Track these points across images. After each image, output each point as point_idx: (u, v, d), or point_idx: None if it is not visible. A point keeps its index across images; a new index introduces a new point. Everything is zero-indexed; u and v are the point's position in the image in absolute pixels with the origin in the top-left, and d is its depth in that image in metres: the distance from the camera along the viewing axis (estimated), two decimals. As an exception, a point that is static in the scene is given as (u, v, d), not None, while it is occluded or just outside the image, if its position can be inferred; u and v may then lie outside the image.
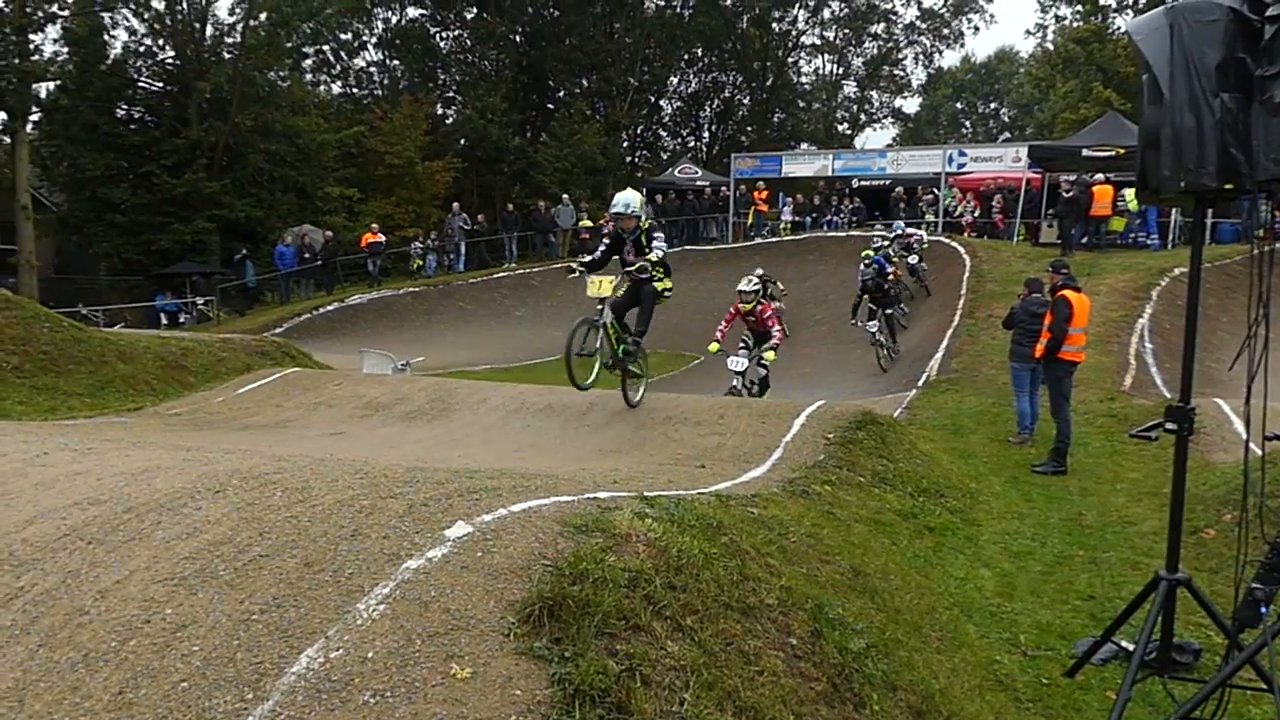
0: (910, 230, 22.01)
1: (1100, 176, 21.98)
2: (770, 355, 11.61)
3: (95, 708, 2.38)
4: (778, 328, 11.83)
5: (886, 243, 19.94)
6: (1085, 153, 22.76)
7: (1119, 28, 36.71)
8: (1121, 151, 21.48)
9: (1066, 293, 9.59)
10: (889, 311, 17.33)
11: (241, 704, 2.34)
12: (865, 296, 17.24)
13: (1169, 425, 4.07)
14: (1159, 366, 13.85)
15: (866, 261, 17.91)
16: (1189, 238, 19.98)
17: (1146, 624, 3.97)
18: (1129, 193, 20.78)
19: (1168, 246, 22.12)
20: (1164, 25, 3.73)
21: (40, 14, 29.67)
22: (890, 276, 18.28)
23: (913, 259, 21.06)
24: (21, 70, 28.53)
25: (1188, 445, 4.12)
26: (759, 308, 11.73)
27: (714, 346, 11.80)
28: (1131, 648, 4.25)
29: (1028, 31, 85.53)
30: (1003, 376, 12.83)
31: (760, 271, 17.02)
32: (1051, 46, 43.59)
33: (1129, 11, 36.96)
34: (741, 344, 12.06)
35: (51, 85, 31.70)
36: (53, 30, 31.30)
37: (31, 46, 29.74)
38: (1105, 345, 14.07)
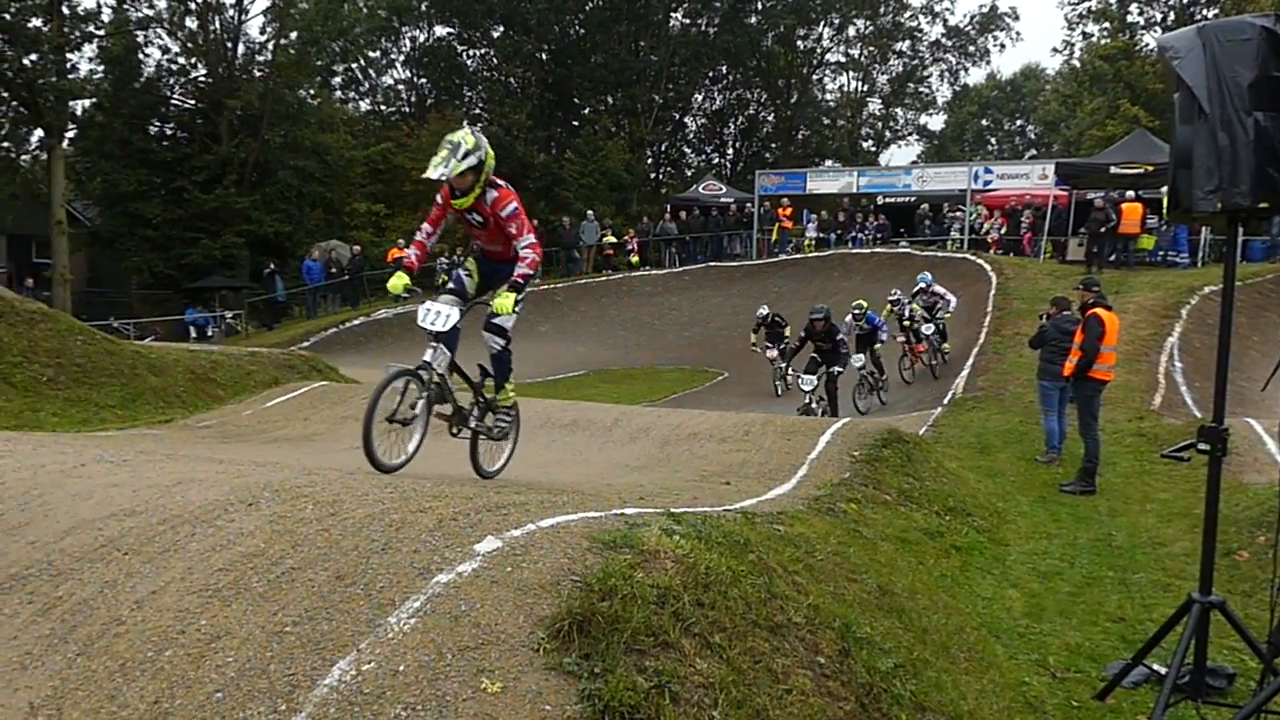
0: (939, 289, 18.13)
1: (1131, 194, 21.80)
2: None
3: (132, 717, 2.41)
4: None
5: (908, 299, 17.56)
6: (1113, 170, 22.60)
7: (1147, 45, 36.48)
8: (1150, 169, 21.31)
9: (1098, 311, 9.51)
10: (833, 370, 14.07)
11: (275, 715, 2.36)
12: (809, 344, 14.39)
13: (1201, 446, 4.03)
14: (1189, 386, 13.69)
15: (857, 312, 15.76)
16: (1219, 255, 19.82)
17: (1179, 647, 3.92)
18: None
19: (1198, 264, 21.89)
20: (1197, 44, 3.72)
21: (77, 34, 30.28)
22: (883, 340, 16.20)
23: (928, 329, 17.40)
24: (59, 88, 29.12)
25: (1221, 466, 4.07)
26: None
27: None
28: (1164, 671, 4.19)
29: (1054, 49, 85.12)
30: (1029, 395, 12.73)
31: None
32: (1079, 63, 43.38)
33: (1157, 29, 36.73)
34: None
35: (87, 103, 32.34)
36: (89, 49, 31.92)
37: (69, 65, 30.39)
38: (1134, 364, 13.93)
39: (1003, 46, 59.01)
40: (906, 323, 17.41)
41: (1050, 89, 53.27)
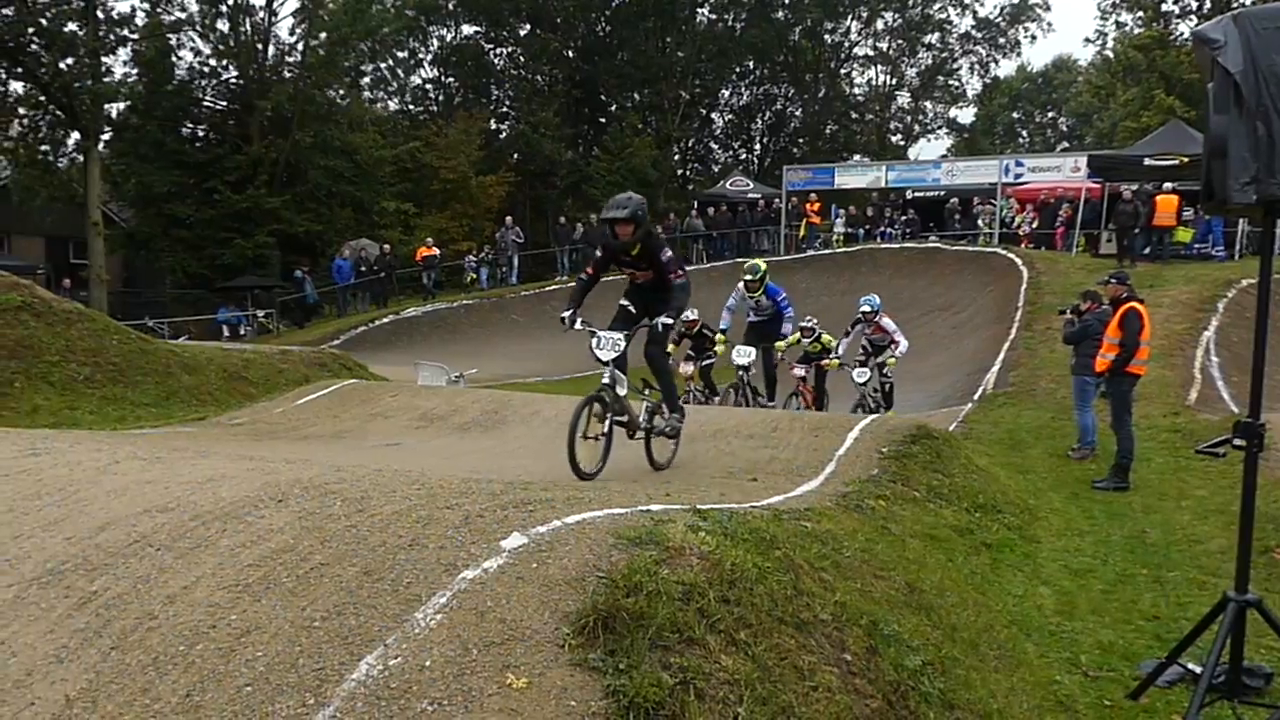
0: (887, 323, 12.95)
1: (1169, 186, 21.46)
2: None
3: (164, 710, 2.45)
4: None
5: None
6: (1147, 162, 22.26)
7: (1182, 34, 35.86)
8: (1186, 160, 20.96)
9: (1135, 305, 9.36)
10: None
11: (304, 709, 2.39)
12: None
13: (1237, 441, 3.96)
14: (1226, 380, 13.45)
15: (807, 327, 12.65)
16: (1257, 248, 19.46)
17: (1215, 646, 3.86)
18: None
19: (1234, 257, 21.51)
20: (1233, 32, 3.65)
21: (112, 37, 30.77)
22: (897, 354, 12.78)
23: (861, 375, 12.62)
24: (94, 91, 29.59)
25: (1258, 462, 4.00)
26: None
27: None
28: (1199, 670, 4.13)
29: (1087, 39, 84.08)
30: (1062, 390, 12.57)
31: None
32: (1112, 54, 42.77)
33: (1193, 17, 36.10)
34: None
35: (122, 106, 32.85)
36: (123, 53, 32.44)
37: (103, 69, 30.85)
38: (1169, 359, 13.71)
39: (1034, 38, 58.20)
40: (816, 350, 12.80)
41: (1083, 80, 52.48)
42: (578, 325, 6.77)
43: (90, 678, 2.61)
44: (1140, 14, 38.84)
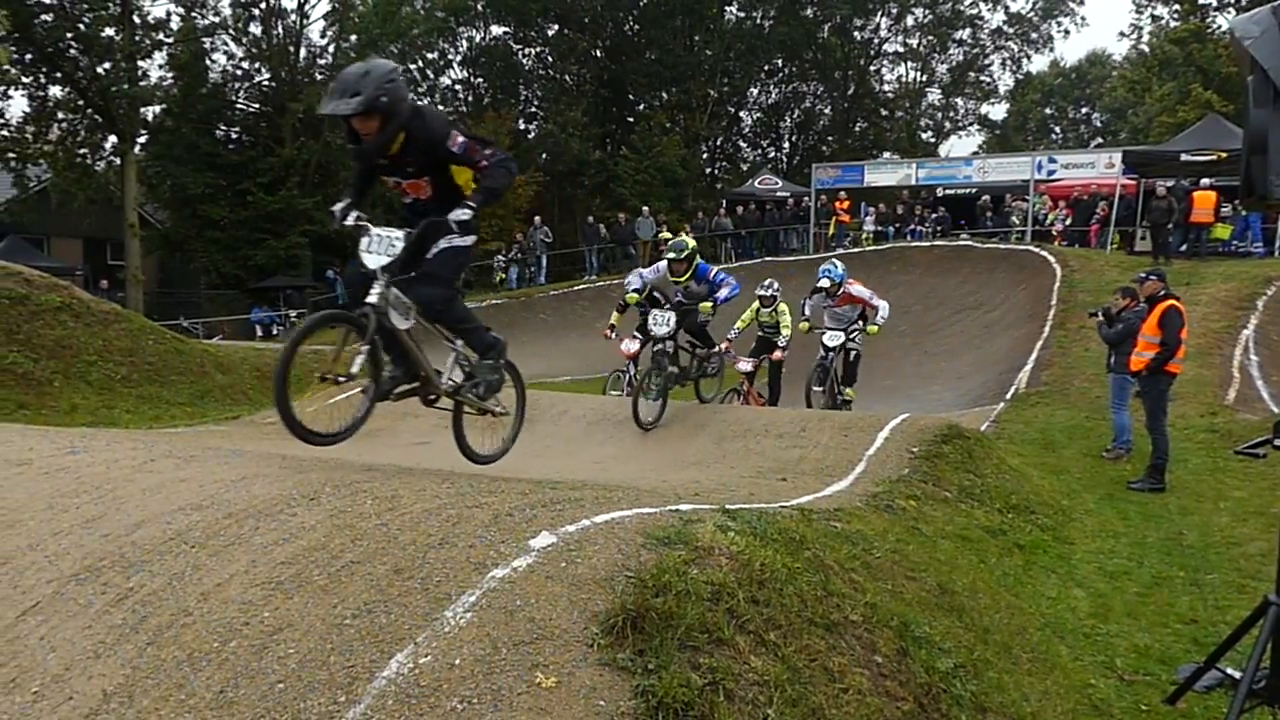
0: (858, 289, 11.12)
1: (1206, 181, 21.10)
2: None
3: (199, 705, 2.48)
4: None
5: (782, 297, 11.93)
6: (1184, 157, 21.91)
7: (1220, 26, 35.23)
8: (1224, 155, 20.60)
9: (1175, 302, 9.21)
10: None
11: (334, 706, 2.41)
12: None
13: (1278, 442, 3.88)
14: (1265, 379, 13.20)
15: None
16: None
17: (1255, 650, 3.78)
18: None
19: (1274, 254, 21.11)
20: (1272, 24, 3.57)
21: (148, 42, 31.24)
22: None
23: (834, 339, 11.00)
24: (130, 95, 30.05)
25: (1299, 463, 3.92)
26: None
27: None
28: (1238, 675, 4.05)
29: (1121, 33, 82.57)
30: (1096, 389, 12.41)
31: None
32: (1147, 48, 42.10)
33: (1230, 10, 35.44)
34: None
35: (157, 109, 33.33)
36: (159, 57, 32.94)
37: (139, 73, 31.33)
38: (1206, 357, 13.48)
39: (1067, 32, 57.65)
40: (772, 322, 11.54)
41: (1117, 75, 51.71)
42: (350, 219, 4.66)
43: (127, 673, 2.65)
44: (1176, 7, 38.18)
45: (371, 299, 4.44)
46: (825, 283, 10.87)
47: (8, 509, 3.64)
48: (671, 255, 9.45)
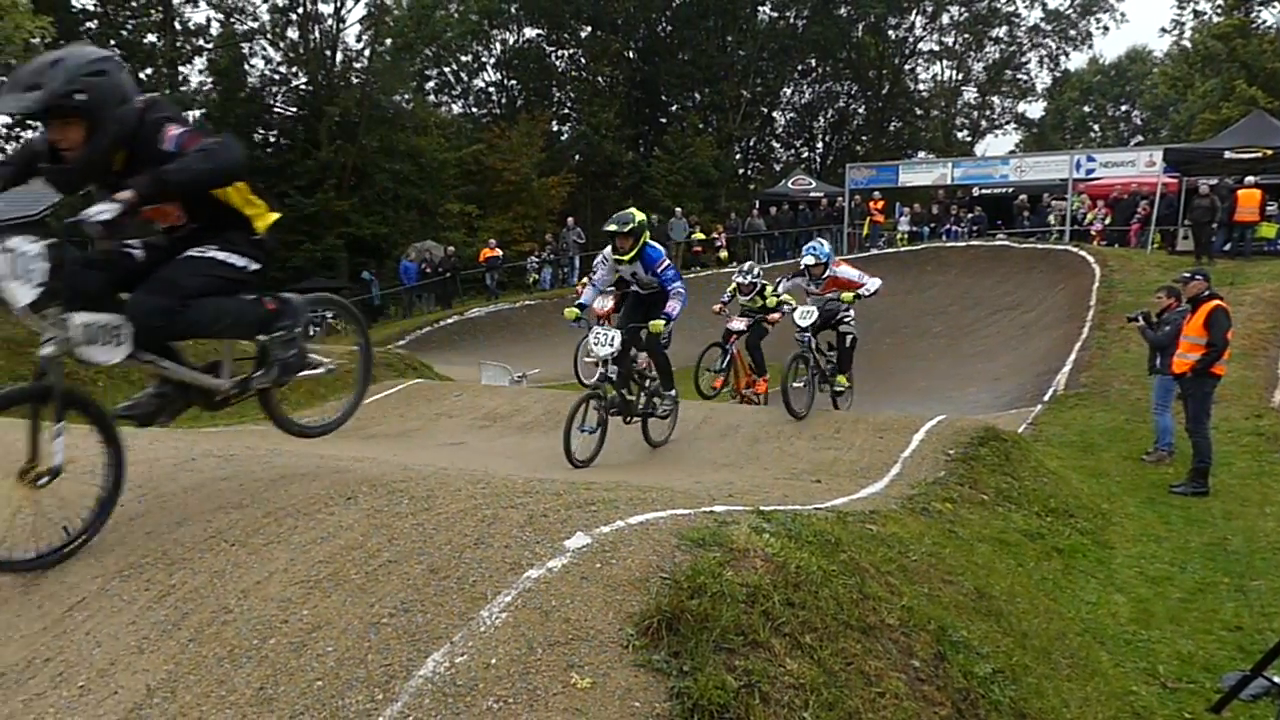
0: (845, 270, 9.74)
1: (1250, 179, 20.66)
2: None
3: (239, 702, 2.51)
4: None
5: (770, 279, 11.86)
6: (1228, 155, 21.45)
7: (1265, 21, 34.53)
8: (1269, 153, 20.16)
9: (1221, 303, 9.03)
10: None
11: (372, 704, 2.43)
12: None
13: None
14: (1313, 382, 12.91)
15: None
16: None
17: (1303, 659, 3.70)
18: None
19: (1322, 253, 20.63)
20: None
21: (188, 48, 31.79)
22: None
23: (806, 317, 9.44)
24: (172, 100, 30.58)
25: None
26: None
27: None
28: (1286, 684, 3.96)
29: (1163, 29, 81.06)
30: (1136, 391, 12.20)
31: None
32: (1189, 43, 41.33)
33: (1275, 4, 34.73)
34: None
35: (198, 113, 33.86)
36: (199, 62, 33.49)
37: (180, 78, 31.91)
38: (1251, 359, 13.20)
39: (1106, 29, 56.70)
40: (757, 305, 11.15)
41: (1158, 72, 50.80)
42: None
43: (170, 669, 2.69)
44: (1220, 2, 37.46)
45: (45, 350, 3.25)
46: (810, 260, 9.50)
47: (54, 506, 3.70)
48: (613, 227, 7.94)
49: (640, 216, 8.06)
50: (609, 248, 8.12)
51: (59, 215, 3.02)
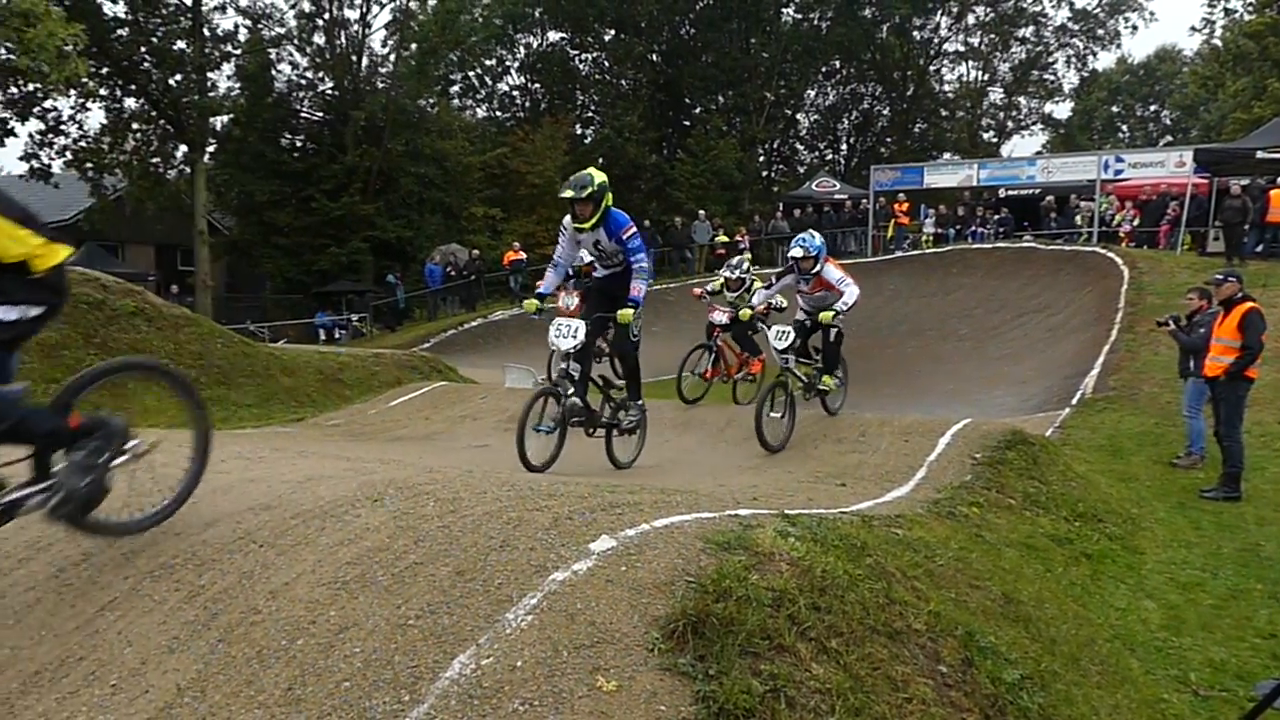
0: (831, 271, 8.91)
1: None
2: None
3: (268, 702, 2.53)
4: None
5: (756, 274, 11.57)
6: (1260, 155, 21.11)
7: (1298, 20, 33.95)
8: (1302, 153, 19.85)
9: (1256, 305, 8.89)
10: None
11: (399, 705, 2.44)
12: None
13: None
14: (1348, 385, 12.67)
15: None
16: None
17: (1340, 667, 3.64)
18: None
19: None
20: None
21: (217, 54, 32.13)
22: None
23: (782, 339, 8.95)
24: (200, 106, 30.96)
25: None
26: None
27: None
28: (1321, 693, 3.89)
29: (1193, 28, 79.88)
30: (1165, 395, 12.04)
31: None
32: (1220, 43, 40.75)
33: (1309, 2, 34.16)
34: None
35: (226, 118, 34.25)
36: (227, 68, 33.84)
37: (209, 84, 32.26)
38: (1285, 362, 13.00)
39: (1134, 28, 55.86)
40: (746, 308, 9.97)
41: (1188, 71, 50.16)
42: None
43: (199, 668, 2.72)
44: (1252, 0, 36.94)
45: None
46: (798, 252, 8.73)
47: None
48: (569, 193, 7.05)
49: (601, 177, 7.11)
50: (568, 216, 7.25)
51: None
